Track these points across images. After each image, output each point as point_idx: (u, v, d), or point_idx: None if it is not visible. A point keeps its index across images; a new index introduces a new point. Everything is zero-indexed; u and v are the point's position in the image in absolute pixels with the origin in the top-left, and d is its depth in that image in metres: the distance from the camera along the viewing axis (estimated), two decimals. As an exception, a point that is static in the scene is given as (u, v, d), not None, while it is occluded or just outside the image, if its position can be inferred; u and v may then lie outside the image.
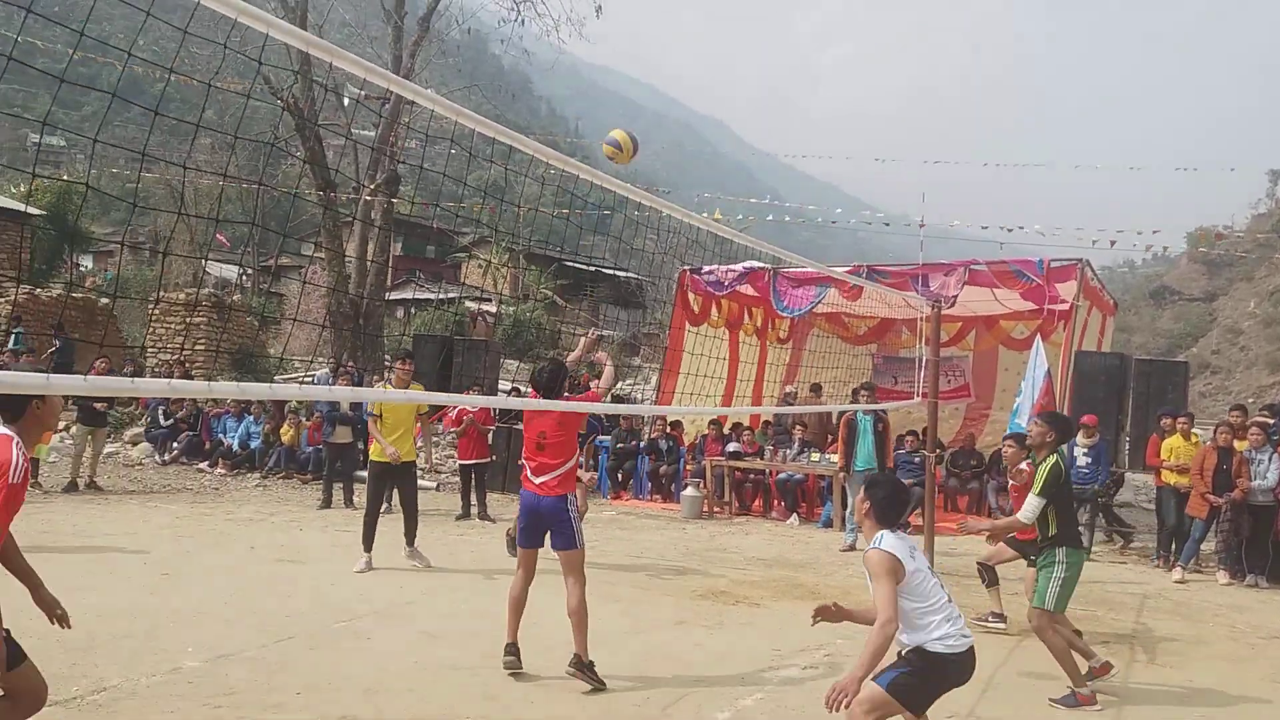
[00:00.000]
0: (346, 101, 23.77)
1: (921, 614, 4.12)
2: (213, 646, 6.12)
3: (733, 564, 10.18)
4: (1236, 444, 10.50)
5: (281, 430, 15.70)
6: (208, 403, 16.66)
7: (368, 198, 22.65)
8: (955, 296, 14.68)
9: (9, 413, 3.50)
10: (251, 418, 16.15)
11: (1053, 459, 6.11)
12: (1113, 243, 21.87)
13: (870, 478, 4.69)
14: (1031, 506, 6.04)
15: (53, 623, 3.95)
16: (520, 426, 14.91)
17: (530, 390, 6.63)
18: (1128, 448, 14.01)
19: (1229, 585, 10.03)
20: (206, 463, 15.99)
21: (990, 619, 7.62)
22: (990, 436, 16.09)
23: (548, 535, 6.06)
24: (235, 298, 27.31)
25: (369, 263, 23.14)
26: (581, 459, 8.60)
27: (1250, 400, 46.19)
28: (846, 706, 3.86)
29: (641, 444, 15.43)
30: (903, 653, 4.18)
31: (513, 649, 5.96)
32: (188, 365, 19.16)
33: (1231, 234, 79.76)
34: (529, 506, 6.07)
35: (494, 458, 13.53)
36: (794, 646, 6.82)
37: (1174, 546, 10.93)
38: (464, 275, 46.81)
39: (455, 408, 12.48)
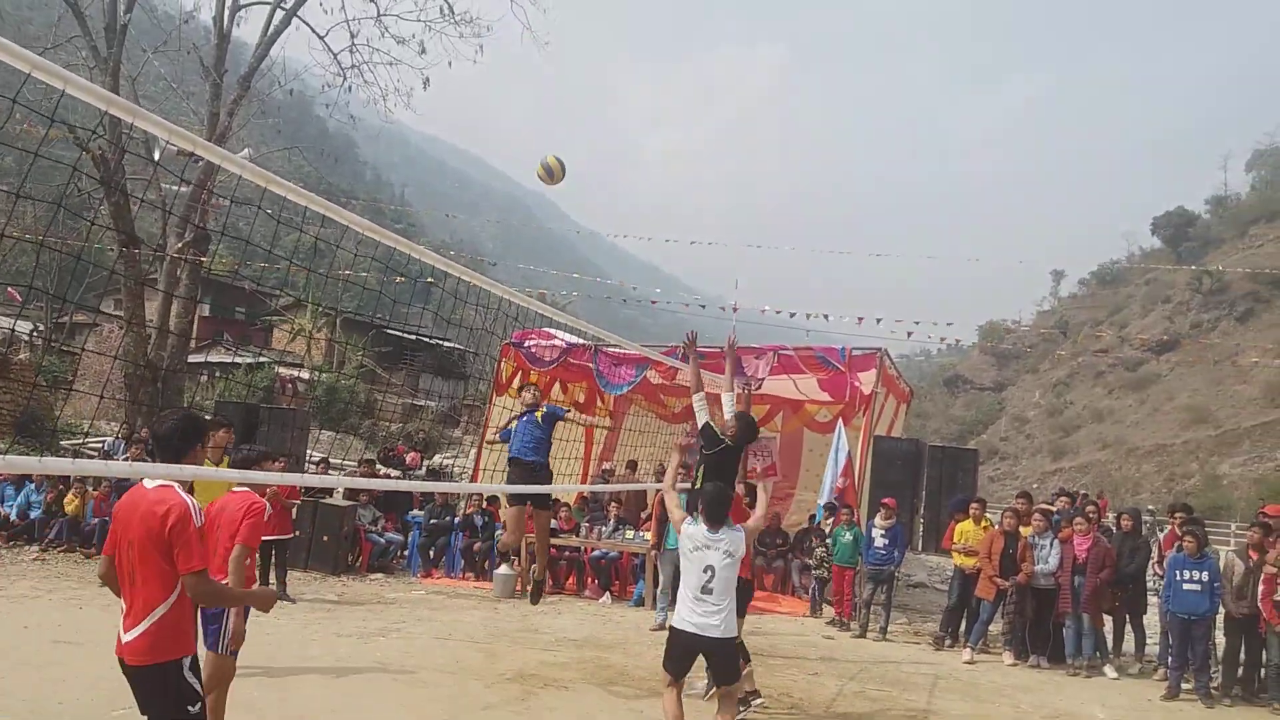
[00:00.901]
0: (157, 155, 22.81)
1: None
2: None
3: (543, 644, 10.05)
4: (1022, 529, 11.17)
5: (65, 500, 14.58)
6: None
7: (174, 256, 21.66)
8: (763, 380, 15.23)
9: None
10: (33, 485, 14.95)
11: None
12: (909, 334, 23.13)
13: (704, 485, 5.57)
14: None
15: None
16: (328, 500, 14.47)
17: None
18: (921, 529, 14.73)
19: (1014, 665, 10.58)
20: (-21, 534, 14.63)
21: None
22: (795, 515, 16.60)
23: None
24: (22, 355, 25.43)
25: (172, 324, 22.05)
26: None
27: (1034, 486, 49.46)
28: None
29: (456, 519, 15.13)
30: None
31: None
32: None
33: (1019, 328, 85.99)
34: None
35: (297, 533, 12.97)
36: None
37: (965, 627, 11.48)
38: (275, 340, 45.19)
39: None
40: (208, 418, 4.36)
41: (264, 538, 11.87)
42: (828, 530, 12.77)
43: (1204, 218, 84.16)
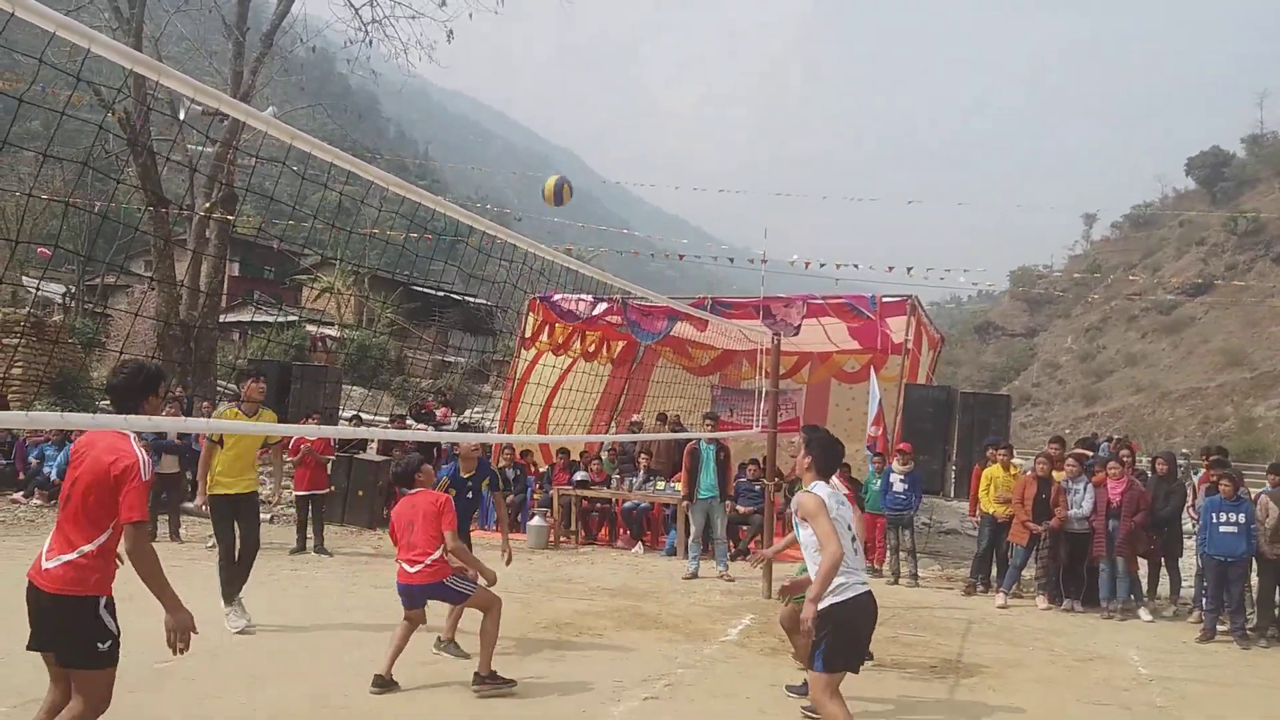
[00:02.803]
0: (182, 116, 22.86)
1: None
2: (22, 692, 5.71)
3: (577, 594, 10.17)
4: (1055, 474, 11.13)
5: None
6: (23, 430, 15.60)
7: (202, 215, 21.78)
8: (798, 326, 15.17)
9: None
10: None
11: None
12: (942, 278, 22.97)
13: (807, 427, 5.41)
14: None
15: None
16: (362, 455, 14.62)
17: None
18: (953, 477, 14.69)
19: (1047, 610, 10.59)
20: (21, 493, 14.95)
21: None
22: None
23: None
24: (56, 318, 25.75)
25: (202, 284, 22.22)
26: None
27: (1067, 431, 49.16)
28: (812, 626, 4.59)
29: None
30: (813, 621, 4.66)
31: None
32: (3, 390, 17.92)
33: (1050, 274, 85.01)
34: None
35: (332, 488, 13.14)
36: (635, 677, 6.85)
37: (995, 573, 11.49)
38: (305, 299, 45.46)
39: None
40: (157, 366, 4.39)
41: (299, 493, 12.16)
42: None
43: (1239, 157, 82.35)
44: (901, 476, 12.05)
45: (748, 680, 6.97)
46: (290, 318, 39.26)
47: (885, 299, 15.57)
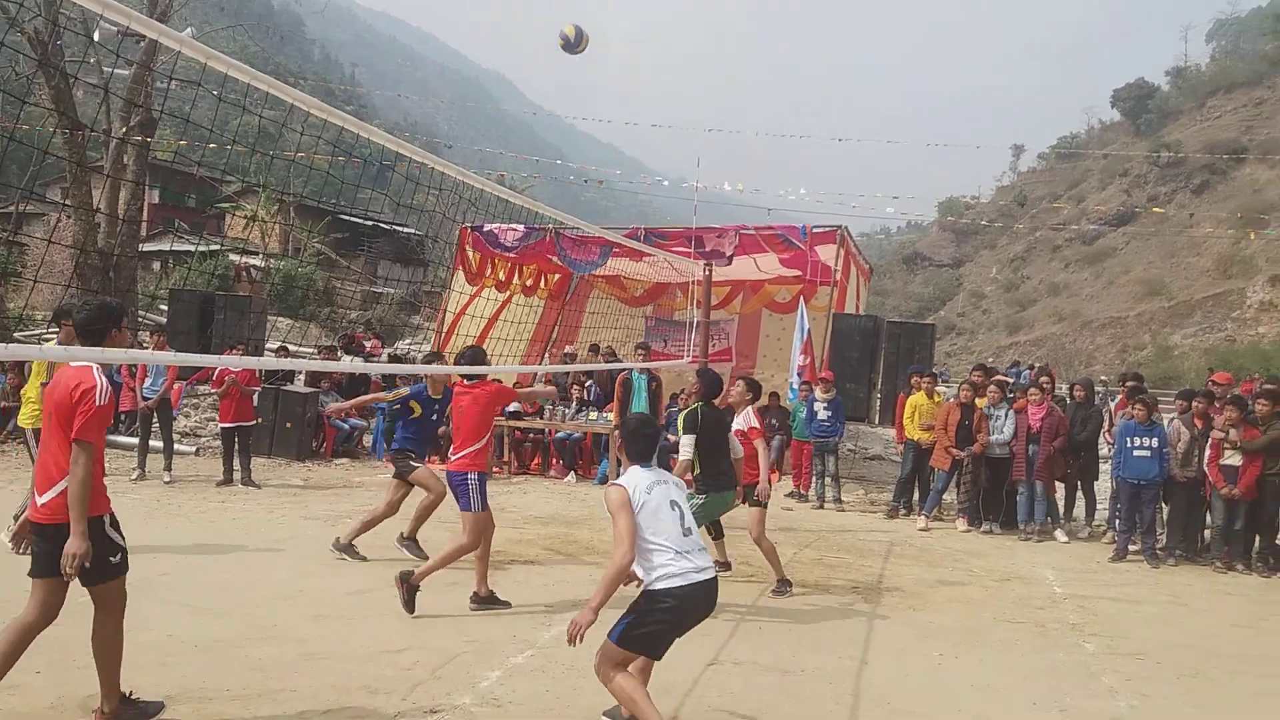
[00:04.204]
0: (96, 36, 21.86)
1: (649, 548, 4.28)
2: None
3: (509, 523, 10.20)
4: (978, 401, 11.42)
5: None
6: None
7: (119, 139, 20.98)
8: (731, 256, 15.24)
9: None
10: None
11: (694, 406, 7.17)
12: (872, 207, 23.16)
13: (625, 418, 5.04)
14: (684, 444, 6.97)
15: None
16: (289, 387, 14.43)
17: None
18: (879, 404, 14.99)
19: (967, 532, 10.96)
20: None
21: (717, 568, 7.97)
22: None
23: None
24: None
25: (120, 211, 21.48)
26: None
27: (990, 359, 50.27)
28: (582, 639, 4.06)
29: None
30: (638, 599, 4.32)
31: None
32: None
33: (978, 204, 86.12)
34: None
35: (259, 420, 12.98)
36: (567, 603, 6.95)
37: (917, 497, 11.82)
38: (229, 227, 44.24)
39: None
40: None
41: (225, 425, 11.98)
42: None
43: (1164, 90, 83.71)
44: (825, 404, 12.29)
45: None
46: (213, 247, 38.22)
47: (815, 229, 15.69)
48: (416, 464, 8.20)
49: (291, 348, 16.76)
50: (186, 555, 7.96)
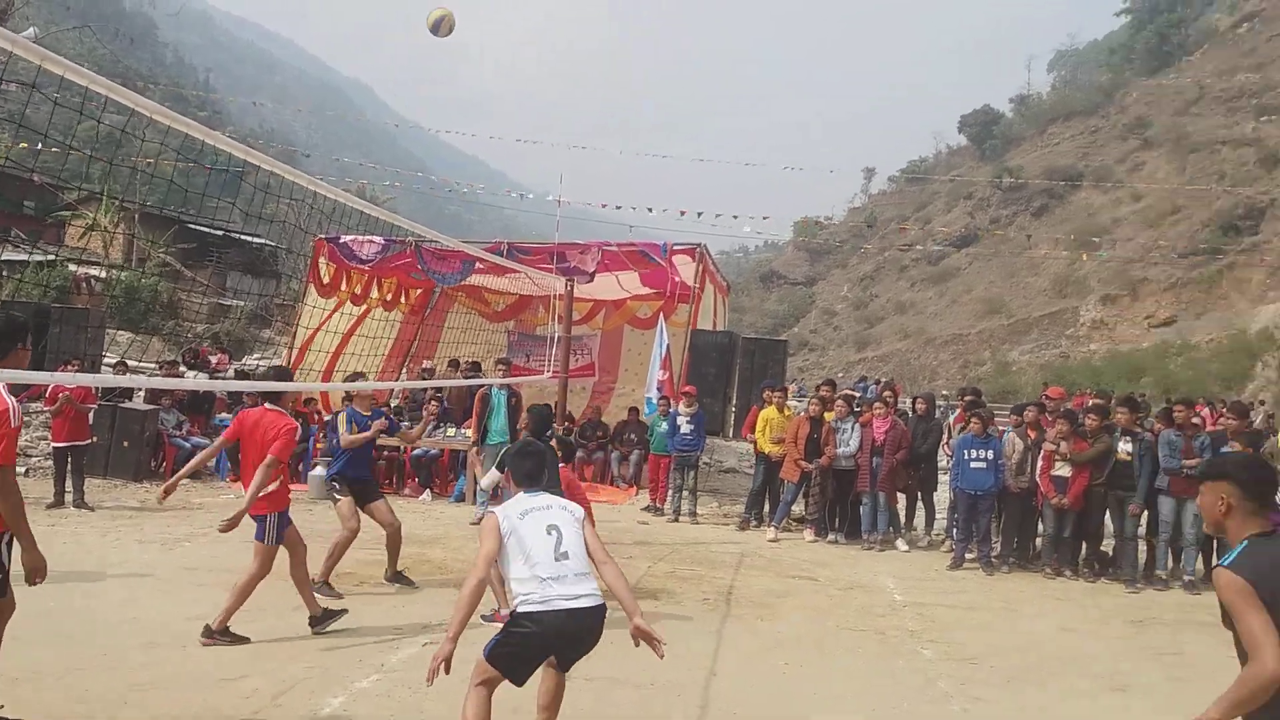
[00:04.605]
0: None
1: (514, 574, 4.14)
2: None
3: (359, 544, 9.92)
4: (826, 415, 11.77)
5: None
6: None
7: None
8: (593, 273, 15.33)
9: None
10: None
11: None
12: (733, 219, 23.67)
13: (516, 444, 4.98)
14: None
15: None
16: (127, 404, 13.77)
17: None
18: (734, 418, 15.31)
19: (814, 543, 11.28)
20: None
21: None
22: (616, 410, 16.95)
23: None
24: None
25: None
26: None
27: (840, 375, 51.90)
28: (444, 672, 3.88)
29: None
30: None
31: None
32: None
33: (831, 225, 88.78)
34: None
35: (94, 439, 12.34)
36: (416, 625, 6.85)
37: (768, 509, 12.11)
38: (69, 236, 41.95)
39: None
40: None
41: (57, 444, 11.34)
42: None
43: (1007, 116, 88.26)
44: (688, 418, 12.48)
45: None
46: (49, 256, 36.22)
47: (675, 246, 15.93)
48: (341, 496, 7.96)
49: (131, 363, 16.03)
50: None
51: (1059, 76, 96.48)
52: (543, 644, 4.16)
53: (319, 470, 13.36)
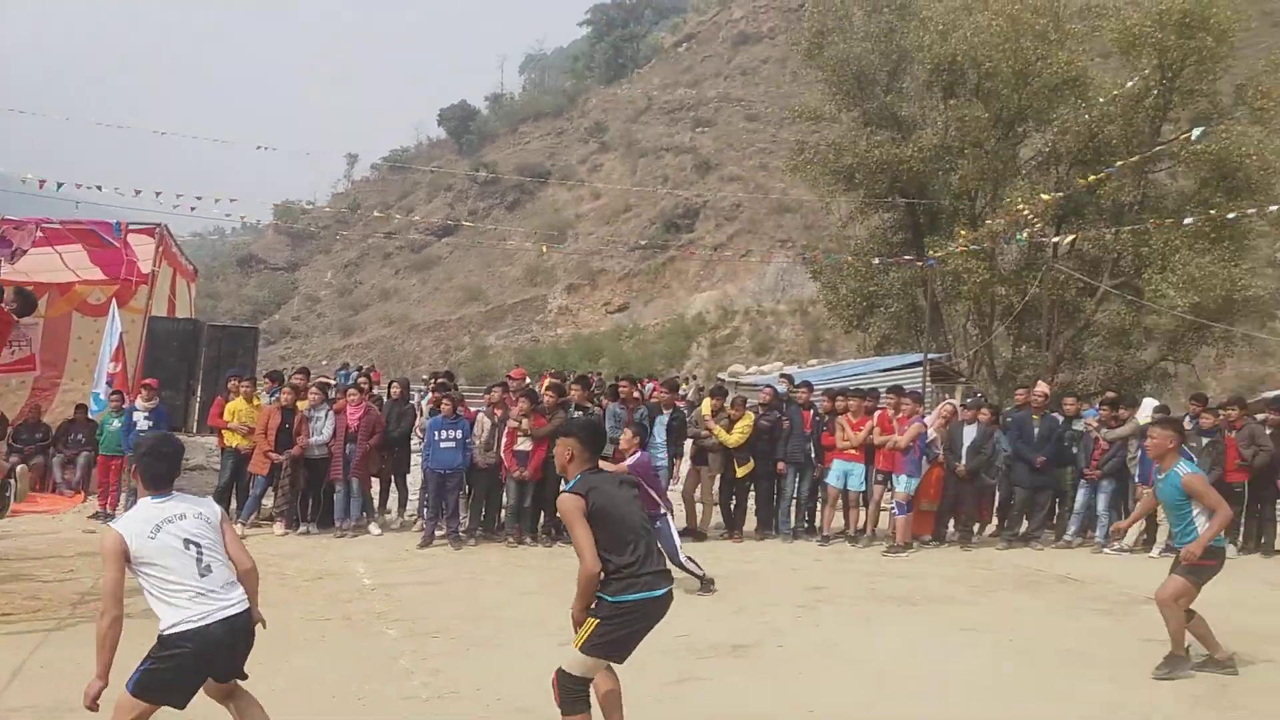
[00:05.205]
0: None
1: (157, 597, 3.94)
2: None
3: None
4: (299, 404, 11.47)
5: None
6: None
7: None
8: (25, 251, 13.53)
9: None
10: None
11: None
12: (193, 209, 22.18)
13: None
14: None
15: None
16: None
17: None
18: (198, 410, 14.42)
19: (285, 535, 10.91)
20: None
21: None
22: (61, 408, 15.17)
23: None
24: None
25: None
26: None
27: (324, 362, 50.89)
28: (93, 707, 3.79)
29: None
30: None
31: None
32: None
33: (314, 209, 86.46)
34: None
35: None
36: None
37: (236, 506, 11.54)
38: None
39: None
40: None
41: None
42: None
43: (483, 113, 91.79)
44: (146, 413, 11.56)
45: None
46: None
47: (132, 227, 14.70)
48: None
49: None
50: None
51: (529, 79, 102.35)
52: (202, 661, 3.98)
53: None
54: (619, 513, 4.50)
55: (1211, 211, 19.23)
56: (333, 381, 13.52)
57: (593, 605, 4.44)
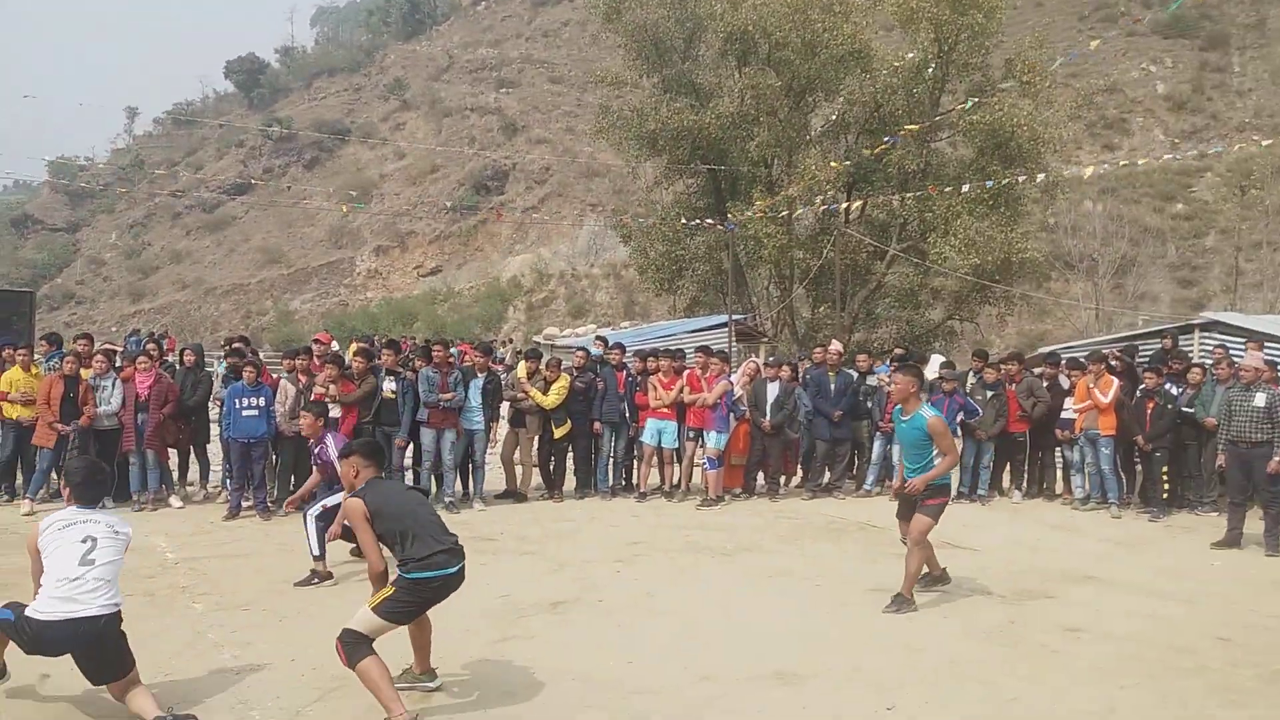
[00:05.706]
0: None
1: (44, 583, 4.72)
2: None
3: None
4: (83, 372, 10.75)
5: None
6: None
7: None
8: None
9: None
10: None
11: None
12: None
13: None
14: None
15: None
16: None
17: None
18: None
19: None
20: None
21: None
22: None
23: None
24: None
25: None
26: None
27: (113, 329, 47.84)
28: None
29: None
30: None
31: None
32: None
33: (94, 166, 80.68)
34: None
35: None
36: None
37: (21, 480, 10.80)
38: None
39: None
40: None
41: None
42: None
43: (275, 67, 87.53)
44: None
45: None
46: None
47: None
48: None
49: None
50: None
51: (322, 33, 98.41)
52: (36, 647, 4.79)
53: None
54: (395, 506, 5.03)
55: (988, 182, 20.64)
56: (120, 349, 12.68)
57: (392, 578, 4.97)
